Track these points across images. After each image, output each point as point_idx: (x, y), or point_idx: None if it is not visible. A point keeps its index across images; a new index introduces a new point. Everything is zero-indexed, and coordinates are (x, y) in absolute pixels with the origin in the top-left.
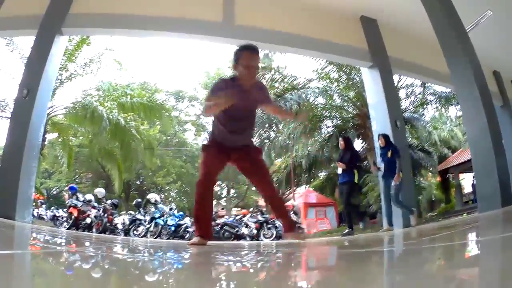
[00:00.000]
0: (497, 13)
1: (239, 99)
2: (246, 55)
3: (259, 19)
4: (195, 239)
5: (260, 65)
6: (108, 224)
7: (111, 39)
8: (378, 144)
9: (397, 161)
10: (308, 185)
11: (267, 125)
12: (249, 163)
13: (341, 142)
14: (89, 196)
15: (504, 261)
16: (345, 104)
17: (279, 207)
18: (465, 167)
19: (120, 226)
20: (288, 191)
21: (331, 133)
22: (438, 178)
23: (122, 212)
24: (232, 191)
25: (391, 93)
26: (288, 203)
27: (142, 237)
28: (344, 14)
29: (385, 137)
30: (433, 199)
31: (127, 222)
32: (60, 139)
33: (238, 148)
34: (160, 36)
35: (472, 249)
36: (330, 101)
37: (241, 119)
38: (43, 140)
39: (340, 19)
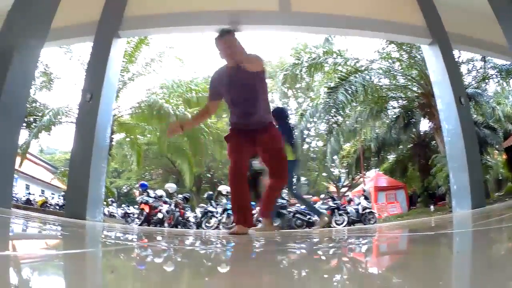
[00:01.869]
0: None
1: (232, 83)
2: (215, 44)
3: (315, 4)
4: (235, 228)
5: (231, 43)
6: (180, 218)
7: (170, 37)
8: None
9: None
10: (377, 169)
11: (334, 110)
12: (262, 149)
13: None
14: (160, 192)
15: None
16: (409, 83)
17: (269, 200)
18: None
19: (192, 220)
20: (359, 176)
21: (398, 114)
22: (504, 156)
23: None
24: (302, 178)
25: (453, 69)
26: (359, 188)
27: (214, 229)
28: None
29: (276, 112)
30: (500, 178)
31: (199, 215)
32: (127, 139)
33: (253, 131)
34: (216, 30)
35: None
36: (394, 82)
37: (242, 102)
38: (111, 140)
39: None
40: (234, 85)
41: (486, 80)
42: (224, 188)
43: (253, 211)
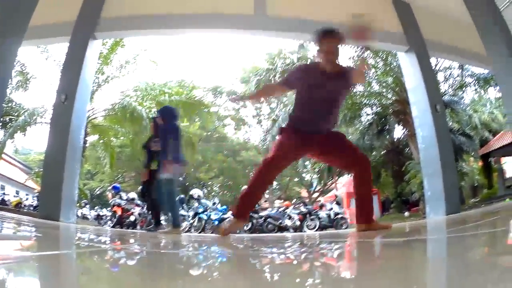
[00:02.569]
0: None
1: (319, 86)
2: (324, 40)
3: (290, 8)
4: (228, 223)
5: (339, 48)
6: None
7: (145, 39)
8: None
9: (170, 143)
10: (350, 174)
11: None
12: (327, 149)
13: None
14: (133, 195)
15: None
16: (384, 90)
17: (368, 202)
18: (507, 150)
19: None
20: (331, 181)
21: (371, 121)
22: (480, 163)
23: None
24: (274, 183)
25: (429, 76)
26: (331, 194)
27: (185, 232)
28: None
29: (162, 112)
30: (476, 184)
31: None
32: (101, 141)
33: (315, 136)
34: (192, 33)
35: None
36: (368, 88)
37: (320, 107)
38: (84, 142)
39: (372, 4)
40: (323, 88)
41: (463, 88)
42: (196, 192)
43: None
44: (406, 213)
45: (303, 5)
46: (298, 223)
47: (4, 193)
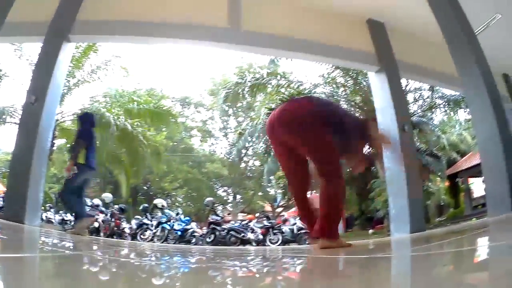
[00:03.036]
0: (506, 16)
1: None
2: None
3: (265, 24)
4: (329, 242)
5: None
6: (115, 228)
7: (118, 46)
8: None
9: (76, 144)
10: (314, 191)
11: None
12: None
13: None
14: (97, 201)
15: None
16: (352, 109)
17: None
18: (475, 171)
19: (127, 231)
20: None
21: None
22: (447, 183)
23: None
24: (238, 196)
25: (398, 97)
26: (294, 209)
27: (149, 241)
28: (351, 17)
29: (81, 117)
30: (442, 203)
31: (134, 227)
32: (68, 145)
33: None
34: (166, 42)
35: (480, 254)
36: None
37: None
38: (52, 145)
39: (346, 23)
40: None
41: (433, 109)
42: (160, 202)
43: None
44: (370, 231)
45: (278, 21)
46: (261, 237)
47: None
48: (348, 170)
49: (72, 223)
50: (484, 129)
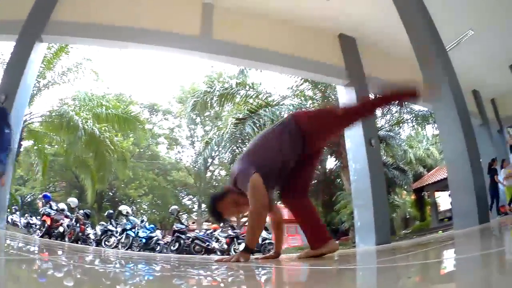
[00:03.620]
0: (478, 33)
1: None
2: None
3: (237, 34)
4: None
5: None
6: (80, 234)
7: (89, 49)
8: None
9: None
10: (280, 201)
11: (239, 141)
12: None
13: None
14: (62, 205)
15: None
16: None
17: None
18: (441, 185)
19: (92, 236)
20: None
21: None
22: (413, 196)
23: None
24: (203, 205)
25: None
26: None
27: (113, 248)
28: (323, 31)
29: None
30: (408, 216)
31: (99, 233)
32: (35, 147)
33: None
34: (137, 48)
35: (445, 267)
36: None
37: None
38: (19, 147)
39: (318, 36)
40: None
41: (401, 124)
42: (124, 209)
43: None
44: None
45: (250, 32)
46: (225, 246)
47: None
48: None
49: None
50: (452, 145)
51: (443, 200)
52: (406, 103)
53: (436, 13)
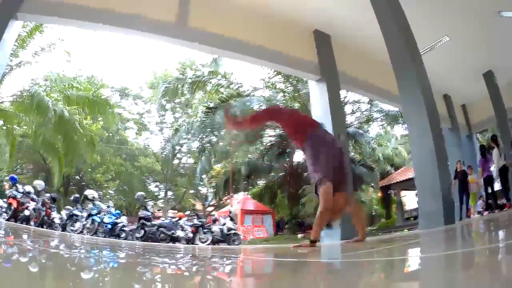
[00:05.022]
0: (453, 39)
1: None
2: None
3: (213, 23)
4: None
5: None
6: (46, 218)
7: (64, 29)
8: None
9: None
10: (246, 192)
11: (209, 130)
12: None
13: None
14: (29, 188)
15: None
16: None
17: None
18: (408, 184)
19: (57, 221)
20: (227, 197)
21: (273, 142)
22: (379, 194)
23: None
24: (169, 193)
25: (336, 107)
26: (225, 209)
27: (78, 233)
28: (299, 26)
29: None
30: (374, 214)
31: (65, 217)
32: (4, 127)
33: None
34: (112, 31)
35: (408, 264)
36: None
37: None
38: None
39: (294, 31)
40: None
41: (370, 122)
42: (91, 193)
43: None
44: (300, 235)
45: (225, 22)
46: (190, 235)
47: None
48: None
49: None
50: (420, 146)
51: (410, 199)
52: None
53: (414, 17)
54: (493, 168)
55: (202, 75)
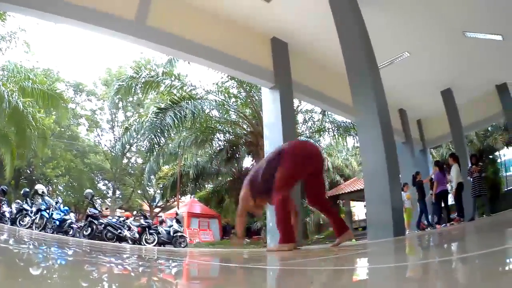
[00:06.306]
0: (415, 56)
1: None
2: None
3: (172, 24)
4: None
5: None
6: None
7: (25, 19)
8: None
9: None
10: (193, 195)
11: (158, 130)
12: None
13: None
14: None
15: None
16: (240, 120)
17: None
18: (358, 195)
19: (7, 215)
20: (174, 199)
21: (222, 147)
22: None
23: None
24: (117, 192)
25: (288, 115)
26: (172, 211)
27: (27, 228)
28: (256, 33)
29: None
30: (321, 222)
31: (14, 211)
32: None
33: None
34: (71, 24)
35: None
36: (225, 116)
37: None
38: None
39: (251, 37)
40: None
41: (322, 132)
42: (40, 188)
43: None
44: (246, 240)
45: (184, 23)
46: (137, 235)
47: None
48: None
49: None
50: (372, 157)
51: (358, 210)
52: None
53: (375, 31)
54: (449, 184)
55: (156, 75)
